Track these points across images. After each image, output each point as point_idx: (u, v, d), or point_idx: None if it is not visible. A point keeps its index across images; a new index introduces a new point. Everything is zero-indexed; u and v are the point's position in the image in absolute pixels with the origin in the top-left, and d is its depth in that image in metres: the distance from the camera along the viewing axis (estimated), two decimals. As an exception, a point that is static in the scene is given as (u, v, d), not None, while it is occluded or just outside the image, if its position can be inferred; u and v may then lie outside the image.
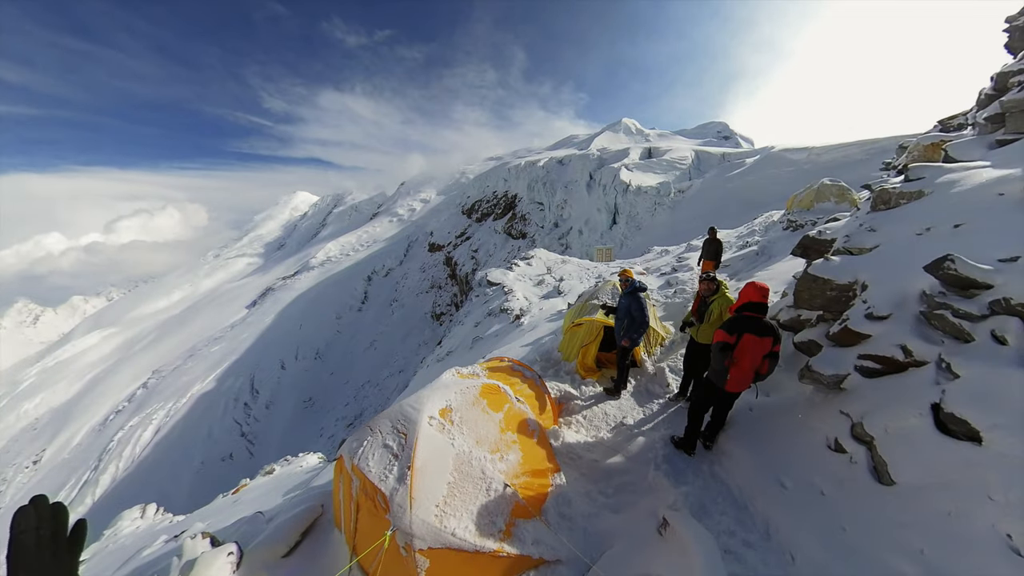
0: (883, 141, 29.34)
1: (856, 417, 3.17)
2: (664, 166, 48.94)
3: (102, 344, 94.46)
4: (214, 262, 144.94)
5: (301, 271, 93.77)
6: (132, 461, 48.46)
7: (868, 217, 4.66)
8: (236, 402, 55.42)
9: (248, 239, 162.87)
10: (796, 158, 34.67)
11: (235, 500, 8.10)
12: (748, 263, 10.55)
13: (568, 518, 3.27)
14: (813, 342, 3.99)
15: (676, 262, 14.60)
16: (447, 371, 4.63)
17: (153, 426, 53.44)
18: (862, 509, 2.75)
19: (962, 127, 8.06)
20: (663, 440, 4.18)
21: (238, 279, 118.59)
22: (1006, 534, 2.15)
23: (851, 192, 11.34)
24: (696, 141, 68.78)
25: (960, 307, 2.96)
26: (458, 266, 66.93)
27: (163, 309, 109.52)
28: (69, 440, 58.04)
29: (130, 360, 77.87)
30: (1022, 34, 7.17)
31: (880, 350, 3.25)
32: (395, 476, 3.00)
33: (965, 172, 4.38)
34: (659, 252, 19.49)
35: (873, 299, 3.53)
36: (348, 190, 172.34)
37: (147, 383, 66.21)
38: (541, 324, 12.10)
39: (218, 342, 72.90)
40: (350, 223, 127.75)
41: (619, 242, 41.40)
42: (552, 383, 5.85)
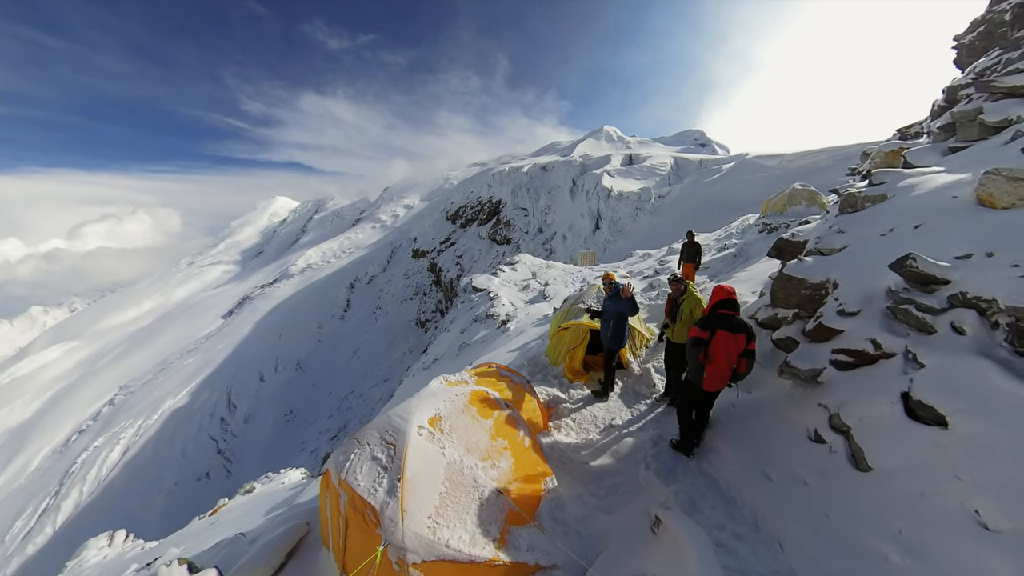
0: (848, 148, 31.13)
1: (833, 409, 3.32)
2: (644, 172, 50.35)
3: (64, 359, 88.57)
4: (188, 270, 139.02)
5: (280, 279, 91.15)
6: (98, 485, 45.26)
7: (836, 220, 4.92)
8: (212, 417, 52.97)
9: (224, 246, 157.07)
10: (769, 164, 36.37)
11: (213, 522, 7.73)
12: (727, 265, 10.90)
13: (562, 522, 3.28)
14: (790, 339, 4.16)
15: (658, 265, 14.97)
16: (435, 379, 4.57)
17: (121, 446, 50.22)
18: (843, 496, 2.88)
19: (918, 135, 8.62)
20: (652, 440, 4.26)
21: (213, 288, 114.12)
22: (974, 510, 2.30)
23: (820, 196, 11.94)
24: (674, 148, 70.91)
25: (922, 302, 3.16)
26: (443, 272, 66.48)
27: (132, 320, 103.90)
28: (26, 464, 53.85)
29: (95, 375, 73.35)
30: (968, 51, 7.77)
31: (852, 344, 3.43)
32: (385, 489, 2.93)
33: (922, 177, 4.68)
34: (641, 256, 19.91)
35: (844, 296, 3.73)
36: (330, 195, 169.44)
37: (114, 400, 62.44)
38: (528, 329, 12.14)
39: (192, 354, 69.73)
40: (332, 229, 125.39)
41: (602, 246, 42.09)
42: (540, 387, 5.87)
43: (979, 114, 5.46)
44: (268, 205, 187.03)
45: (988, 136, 5.28)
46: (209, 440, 50.29)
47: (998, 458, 2.32)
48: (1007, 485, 2.24)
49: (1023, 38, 6.97)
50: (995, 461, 2.32)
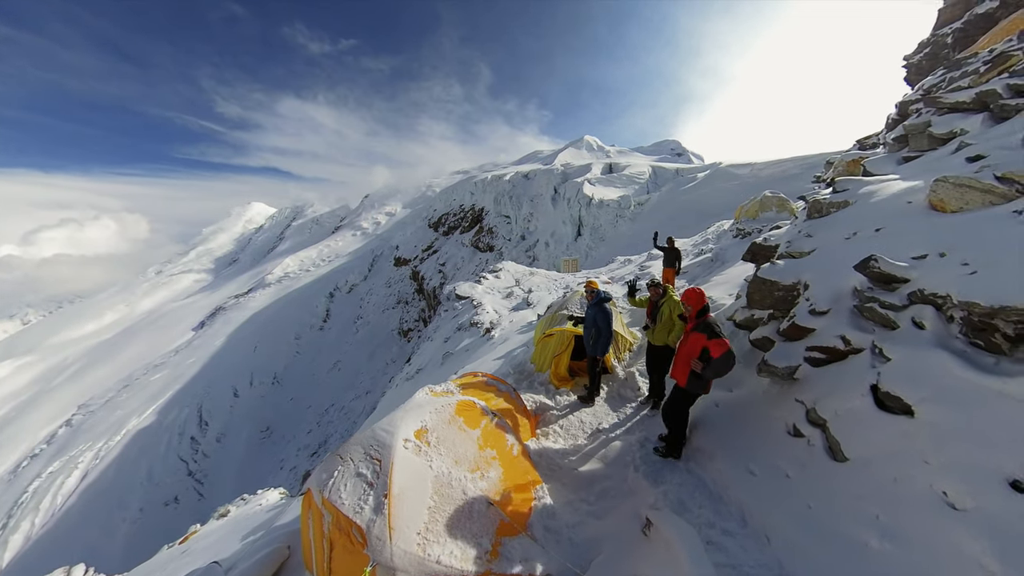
0: (813, 158, 33.07)
1: (810, 404, 3.47)
2: (624, 180, 51.74)
3: (15, 375, 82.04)
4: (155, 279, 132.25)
5: (256, 288, 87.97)
6: (52, 514, 41.58)
7: (805, 225, 5.19)
8: (181, 437, 50.04)
9: (195, 254, 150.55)
10: (741, 173, 38.16)
11: (184, 551, 7.27)
12: (705, 269, 11.26)
13: (553, 531, 3.27)
14: (766, 338, 4.33)
15: (639, 270, 15.32)
16: (420, 390, 4.47)
17: (79, 471, 46.63)
18: (823, 486, 3.00)
19: (876, 145, 9.23)
20: (639, 442, 4.31)
21: (183, 298, 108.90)
22: (942, 491, 2.45)
23: (790, 203, 12.57)
24: (652, 157, 73.25)
25: (885, 299, 3.37)
26: (425, 280, 65.85)
27: (92, 333, 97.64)
28: None
29: (50, 394, 68.25)
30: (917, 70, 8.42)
31: (824, 341, 3.60)
32: (371, 506, 2.82)
33: (880, 184, 5.01)
34: (622, 261, 20.32)
35: (814, 296, 3.92)
36: (309, 202, 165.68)
37: (71, 420, 58.20)
38: (512, 336, 12.14)
39: (159, 369, 66.04)
40: (310, 237, 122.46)
41: (584, 253, 42.79)
42: (527, 395, 5.87)
43: (928, 127, 5.92)
44: (244, 211, 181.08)
45: (937, 147, 5.71)
46: (178, 461, 47.38)
47: (960, 442, 2.48)
48: (969, 467, 2.40)
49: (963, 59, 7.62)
50: (957, 445, 2.48)
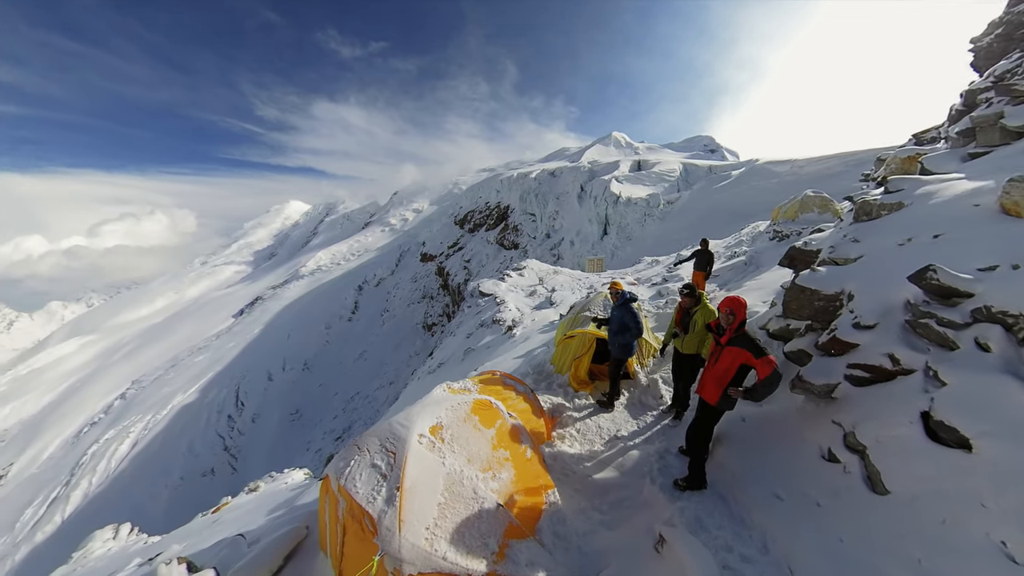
0: (861, 154, 30.54)
1: (848, 426, 3.18)
2: (653, 178, 50.12)
3: (79, 352, 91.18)
4: (201, 269, 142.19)
5: (291, 280, 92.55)
6: (106, 476, 46.26)
7: (851, 228, 4.78)
8: (220, 414, 53.72)
9: (237, 247, 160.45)
10: (780, 170, 35.79)
11: (215, 520, 7.72)
12: (737, 273, 10.72)
13: (563, 537, 3.19)
14: (803, 351, 4.03)
15: (667, 272, 14.79)
16: (438, 386, 4.49)
17: (130, 439, 51.22)
18: (858, 519, 2.74)
19: (935, 140, 8.39)
20: (658, 453, 4.13)
21: (225, 287, 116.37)
22: (1000, 541, 2.16)
23: (833, 203, 11.69)
24: (683, 154, 70.58)
25: (944, 315, 3.02)
26: (450, 276, 66.76)
27: (145, 317, 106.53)
28: (39, 454, 55.37)
29: (108, 369, 75.21)
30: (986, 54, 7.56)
31: (868, 359, 3.29)
32: (383, 497, 2.88)
33: (941, 184, 4.53)
34: (650, 262, 19.73)
35: (859, 308, 3.59)
36: (340, 199, 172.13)
37: (125, 394, 63.85)
38: (533, 335, 12.05)
39: (202, 352, 71.02)
40: (342, 232, 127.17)
41: (610, 252, 41.93)
42: (545, 396, 5.78)
43: (1000, 118, 5.28)
44: (282, 208, 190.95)
45: (1010, 141, 5.10)
46: (216, 437, 50.98)
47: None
48: (1036, 516, 2.10)
49: (1047, 44, 6.77)
50: (1022, 489, 2.19)
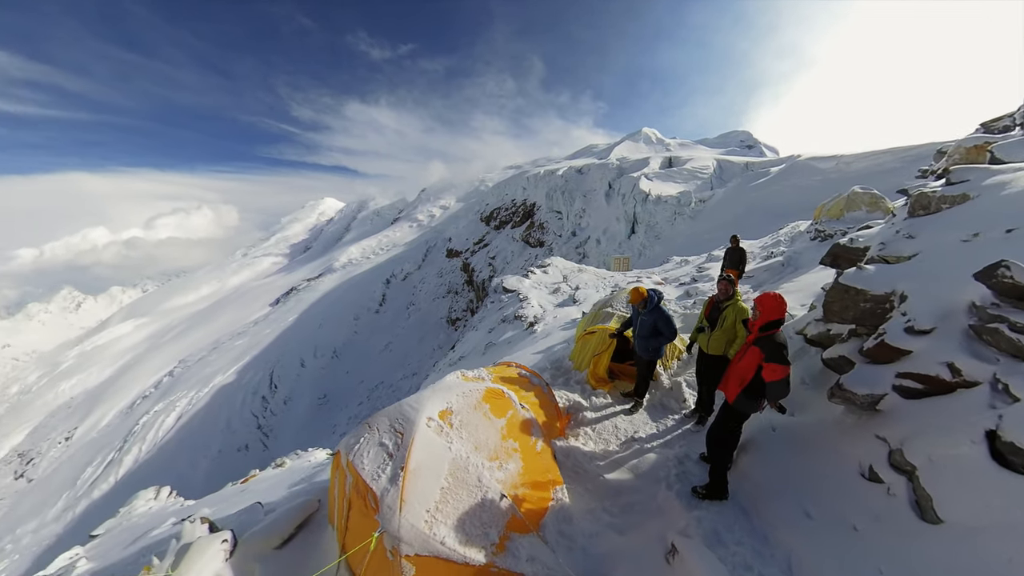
0: (918, 148, 27.75)
1: (895, 443, 2.85)
2: (685, 175, 48.17)
3: (135, 332, 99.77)
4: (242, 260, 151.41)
5: (324, 273, 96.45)
6: (154, 445, 50.53)
7: (906, 223, 4.31)
8: (255, 395, 57.05)
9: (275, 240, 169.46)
10: (824, 167, 33.14)
11: (243, 489, 8.16)
12: (773, 274, 10.08)
13: (568, 536, 3.06)
14: (844, 358, 3.66)
15: (696, 272, 14.17)
16: (452, 373, 4.50)
17: (176, 413, 55.57)
18: (902, 549, 2.43)
19: (1008, 128, 7.51)
20: (677, 458, 3.90)
21: (263, 277, 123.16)
22: None
23: (885, 201, 10.70)
24: (718, 150, 67.39)
25: (1018, 320, 2.63)
26: (475, 272, 67.30)
27: (192, 303, 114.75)
28: (99, 420, 61.33)
29: (159, 349, 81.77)
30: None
31: (923, 368, 2.92)
32: (388, 476, 2.90)
33: (1016, 174, 4.00)
34: (679, 262, 19.02)
35: (913, 311, 3.21)
36: (371, 196, 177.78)
37: (173, 372, 69.18)
38: (554, 332, 11.90)
39: (241, 336, 75.54)
40: (372, 228, 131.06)
41: (637, 252, 40.82)
42: (561, 392, 5.64)
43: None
44: (317, 205, 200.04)
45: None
46: (251, 415, 54.22)
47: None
48: None
49: None
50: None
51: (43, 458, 57.40)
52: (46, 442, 61.11)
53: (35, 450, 60.46)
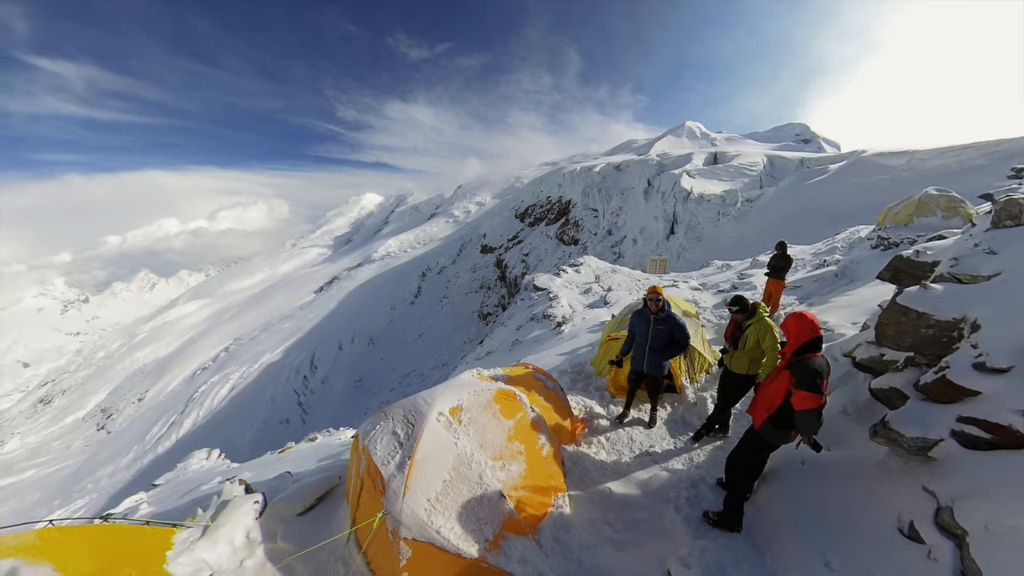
0: (1011, 143, 23.67)
1: (945, 499, 2.46)
2: (731, 172, 44.97)
3: (198, 312, 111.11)
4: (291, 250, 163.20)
5: (364, 264, 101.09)
6: (209, 411, 56.53)
7: (987, 235, 3.71)
8: (297, 374, 61.41)
9: (320, 232, 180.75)
10: (893, 164, 28.95)
11: (279, 459, 8.80)
12: (824, 285, 9.21)
13: (564, 544, 3.02)
14: (896, 391, 3.23)
15: (737, 279, 13.30)
16: (468, 371, 4.57)
17: (229, 385, 61.56)
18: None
19: None
20: (691, 481, 3.67)
21: (309, 266, 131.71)
22: None
23: (965, 205, 9.36)
24: (770, 145, 62.59)
25: (1125, 366, 2.18)
26: (508, 269, 67.59)
27: (247, 287, 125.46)
28: (166, 386, 69.55)
29: (217, 327, 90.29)
30: None
31: (993, 414, 2.49)
32: (396, 463, 3.07)
33: None
34: (719, 267, 17.98)
35: (988, 344, 2.75)
36: (409, 192, 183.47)
37: (228, 348, 76.13)
38: (581, 334, 11.70)
39: (288, 319, 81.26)
40: (409, 222, 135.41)
41: (676, 254, 39.03)
42: (578, 397, 5.51)
43: None
44: (359, 199, 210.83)
45: None
46: (293, 392, 58.60)
47: None
48: None
49: None
50: None
51: (120, 414, 66.60)
52: (123, 401, 70.60)
53: (114, 407, 70.14)
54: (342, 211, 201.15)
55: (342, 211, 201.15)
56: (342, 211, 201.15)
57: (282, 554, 3.21)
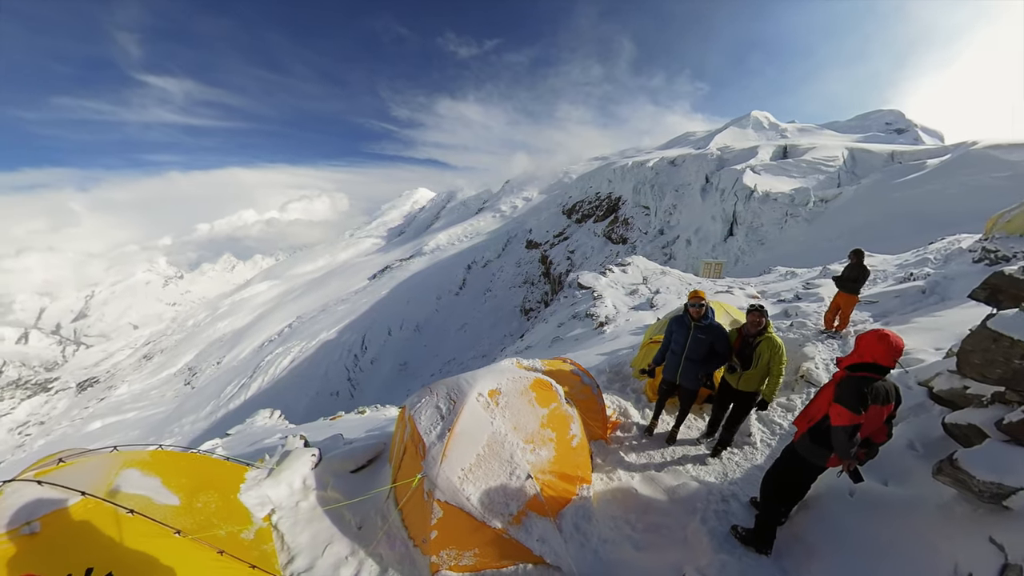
0: None
1: (1016, 555, 2.20)
2: (803, 168, 40.26)
3: (268, 291, 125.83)
4: (349, 240, 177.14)
5: (415, 255, 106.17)
6: (273, 378, 64.71)
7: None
8: (349, 353, 66.96)
9: (375, 224, 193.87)
10: (1014, 159, 23.62)
11: (330, 425, 9.79)
12: (907, 302, 8.19)
13: (583, 533, 3.12)
14: (975, 428, 2.86)
15: (802, 288, 12.19)
16: (508, 358, 4.81)
17: (290, 357, 69.52)
18: None
19: None
20: (722, 496, 3.56)
21: (365, 255, 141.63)
22: None
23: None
24: (852, 136, 55.32)
25: None
26: (552, 265, 67.22)
27: (310, 272, 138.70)
28: (239, 353, 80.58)
29: (283, 306, 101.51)
30: None
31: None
32: (437, 433, 3.39)
33: None
34: (783, 274, 16.60)
35: (1097, 380, 2.40)
36: (459, 187, 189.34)
37: (291, 324, 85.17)
38: (624, 335, 11.51)
39: (344, 303, 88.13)
40: (458, 216, 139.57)
41: (734, 257, 36.34)
42: (614, 397, 5.51)
43: None
44: (412, 194, 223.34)
45: None
46: (344, 369, 64.35)
47: None
48: None
49: None
50: None
51: (202, 374, 79.12)
52: (205, 363, 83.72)
53: (198, 367, 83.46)
54: (395, 204, 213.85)
55: (395, 204, 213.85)
56: (395, 204, 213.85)
57: (331, 501, 3.69)
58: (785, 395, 5.17)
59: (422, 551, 3.09)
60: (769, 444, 4.40)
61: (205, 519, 2.93)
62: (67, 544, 2.34)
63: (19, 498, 2.44)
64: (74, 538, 2.37)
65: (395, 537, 3.30)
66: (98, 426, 69.16)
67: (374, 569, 3.09)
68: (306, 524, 3.40)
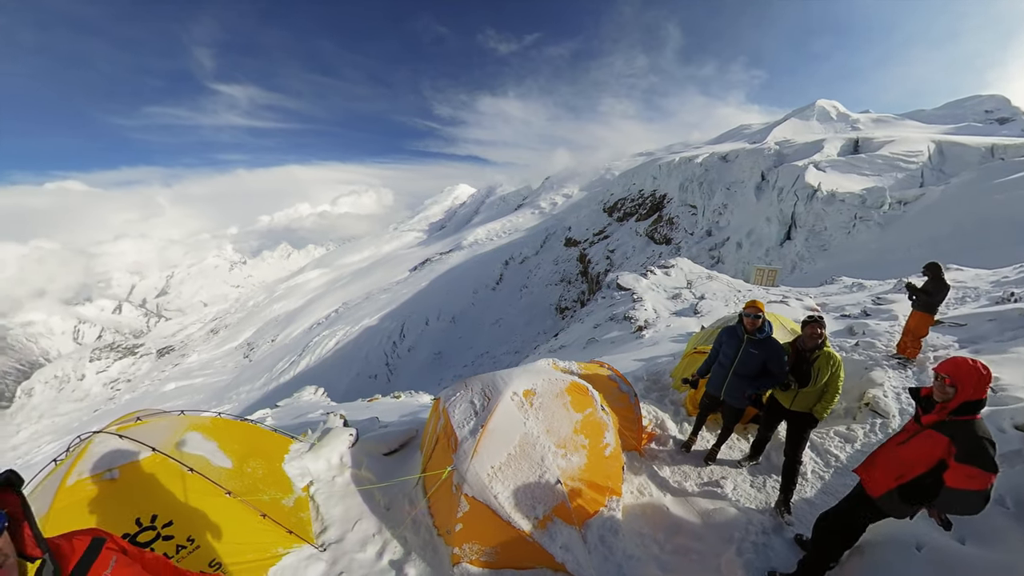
0: None
1: None
2: (878, 165, 35.76)
3: (319, 278, 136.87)
4: (393, 233, 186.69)
5: (454, 249, 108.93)
6: (319, 358, 70.73)
7: None
8: (388, 339, 70.74)
9: (418, 218, 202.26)
10: None
11: (367, 406, 10.35)
12: (1000, 327, 7.05)
13: (608, 546, 3.04)
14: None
15: (872, 303, 10.95)
16: (545, 359, 4.79)
17: (335, 339, 75.15)
18: None
19: None
20: (763, 528, 3.28)
21: (407, 248, 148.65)
22: None
23: None
24: (941, 127, 48.34)
25: None
26: (591, 264, 65.95)
27: (356, 262, 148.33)
28: (291, 333, 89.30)
29: (332, 292, 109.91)
30: None
31: None
32: (469, 428, 3.43)
33: None
34: (848, 285, 15.07)
35: None
36: (499, 183, 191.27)
37: (338, 310, 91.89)
38: (664, 342, 11.05)
39: (386, 292, 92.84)
40: (497, 212, 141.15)
41: (790, 264, 33.51)
42: (651, 407, 5.30)
43: None
44: (452, 190, 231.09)
45: None
46: (383, 354, 68.30)
47: None
48: None
49: None
50: None
51: (259, 349, 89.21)
52: (262, 339, 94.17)
53: (256, 343, 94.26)
54: (437, 200, 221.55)
55: (437, 200, 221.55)
56: (437, 200, 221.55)
57: (363, 481, 3.89)
58: (846, 423, 4.69)
59: (445, 541, 3.15)
60: (822, 477, 3.99)
61: (252, 484, 3.21)
62: (138, 491, 2.72)
63: (104, 447, 2.85)
64: (144, 487, 2.75)
65: (420, 523, 3.40)
66: (172, 387, 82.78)
67: (398, 550, 3.21)
68: (340, 499, 3.62)
